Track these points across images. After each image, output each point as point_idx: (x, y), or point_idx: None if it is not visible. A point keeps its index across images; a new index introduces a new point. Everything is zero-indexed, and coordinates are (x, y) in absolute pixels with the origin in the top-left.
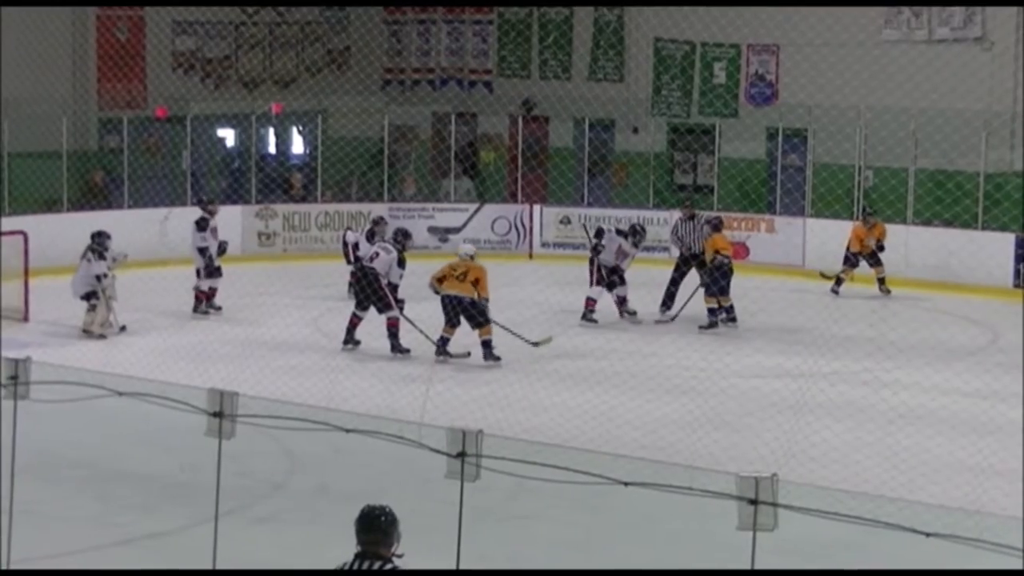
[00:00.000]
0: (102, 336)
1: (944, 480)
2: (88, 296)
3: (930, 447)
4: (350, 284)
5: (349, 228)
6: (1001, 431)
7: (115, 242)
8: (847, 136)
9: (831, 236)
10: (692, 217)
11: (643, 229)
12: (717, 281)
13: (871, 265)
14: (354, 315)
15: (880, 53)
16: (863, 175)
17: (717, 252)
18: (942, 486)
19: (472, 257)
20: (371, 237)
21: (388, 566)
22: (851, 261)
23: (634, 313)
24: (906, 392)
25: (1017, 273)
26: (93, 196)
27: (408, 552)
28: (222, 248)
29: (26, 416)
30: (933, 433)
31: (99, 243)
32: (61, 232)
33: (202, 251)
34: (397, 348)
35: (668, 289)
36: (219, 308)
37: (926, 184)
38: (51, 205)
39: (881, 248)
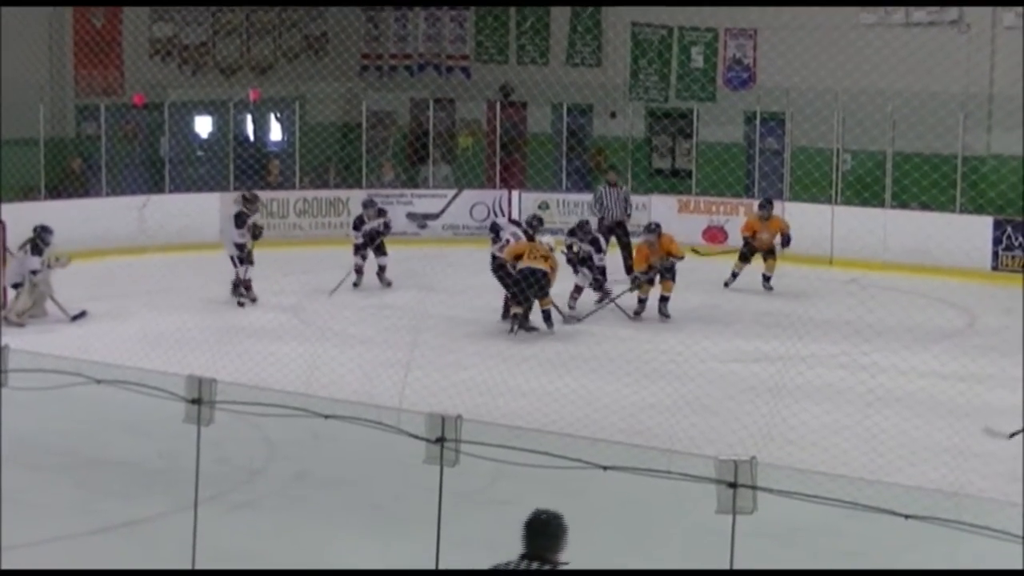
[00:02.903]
0: (20, 324)
1: (922, 462)
2: (17, 285)
3: (908, 429)
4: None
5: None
6: (978, 413)
7: (94, 230)
8: (825, 119)
9: (810, 220)
10: (615, 185)
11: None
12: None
13: (764, 259)
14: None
15: (857, 36)
16: (841, 158)
17: (670, 254)
18: (920, 468)
19: (552, 250)
20: (359, 223)
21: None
22: (744, 256)
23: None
24: (884, 375)
25: (995, 256)
26: (71, 183)
27: (389, 537)
28: (257, 234)
29: (3, 404)
30: (911, 415)
31: (40, 238)
32: (38, 219)
33: (240, 247)
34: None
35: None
36: (255, 299)
37: (903, 167)
38: (28, 192)
39: (787, 242)
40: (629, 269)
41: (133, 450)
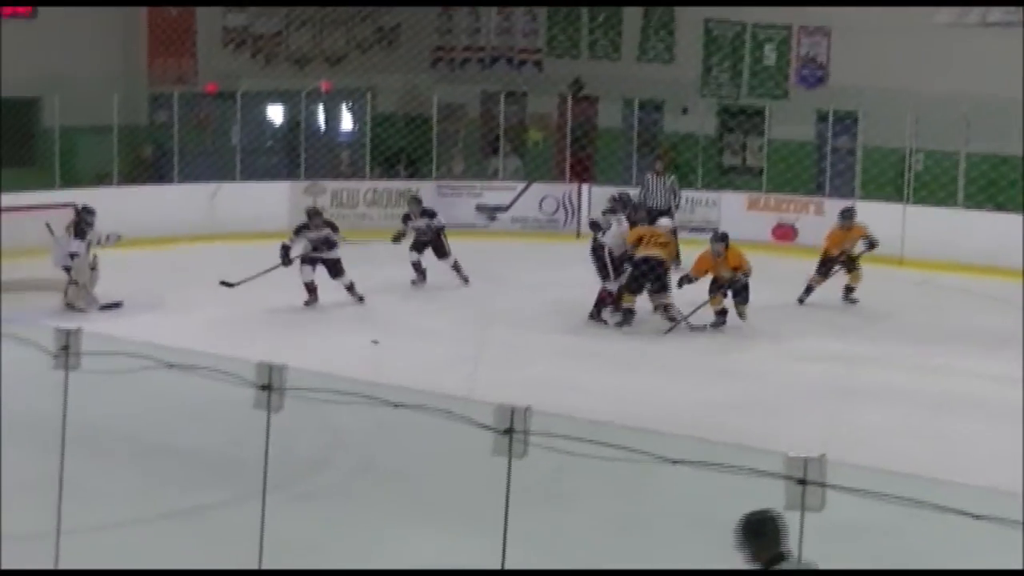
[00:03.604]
0: (81, 310)
1: (992, 465)
2: (68, 269)
3: (976, 433)
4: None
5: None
6: None
7: (165, 217)
8: (898, 119)
9: (881, 219)
10: (662, 174)
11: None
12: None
13: (847, 271)
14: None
15: (932, 36)
16: (913, 158)
17: (738, 269)
18: (990, 471)
19: (673, 233)
20: (406, 219)
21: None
22: (823, 270)
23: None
24: (953, 377)
25: None
26: (143, 171)
27: (454, 530)
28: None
29: (73, 388)
30: (980, 419)
31: (83, 219)
32: (112, 206)
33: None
34: (595, 316)
35: None
36: (309, 301)
37: (980, 167)
38: (102, 179)
39: (871, 246)
40: (675, 256)
41: (200, 436)
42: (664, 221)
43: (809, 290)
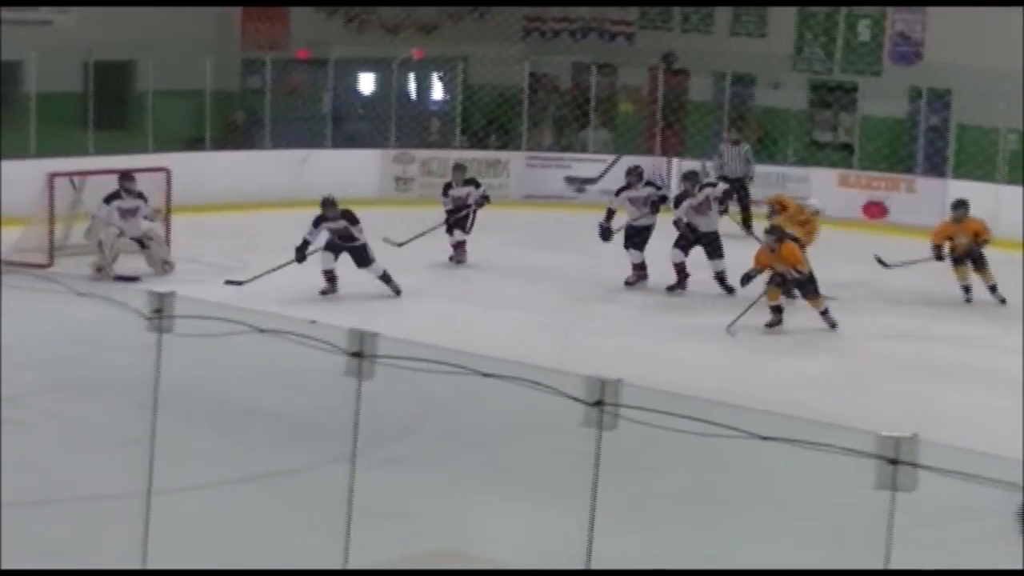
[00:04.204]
0: (98, 280)
1: None
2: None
3: None
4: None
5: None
6: None
7: (255, 182)
8: (992, 97)
9: (973, 199)
10: (737, 143)
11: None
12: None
13: (976, 270)
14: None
15: None
16: (1006, 137)
17: (794, 267)
18: None
19: (818, 213)
20: (446, 188)
21: None
22: (957, 260)
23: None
24: None
25: None
26: (235, 136)
27: (539, 499)
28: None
29: (165, 350)
30: None
31: (122, 186)
32: (203, 170)
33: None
34: (672, 288)
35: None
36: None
37: None
38: (193, 143)
39: (982, 246)
40: (747, 225)
41: (287, 401)
42: (813, 201)
43: (967, 289)
